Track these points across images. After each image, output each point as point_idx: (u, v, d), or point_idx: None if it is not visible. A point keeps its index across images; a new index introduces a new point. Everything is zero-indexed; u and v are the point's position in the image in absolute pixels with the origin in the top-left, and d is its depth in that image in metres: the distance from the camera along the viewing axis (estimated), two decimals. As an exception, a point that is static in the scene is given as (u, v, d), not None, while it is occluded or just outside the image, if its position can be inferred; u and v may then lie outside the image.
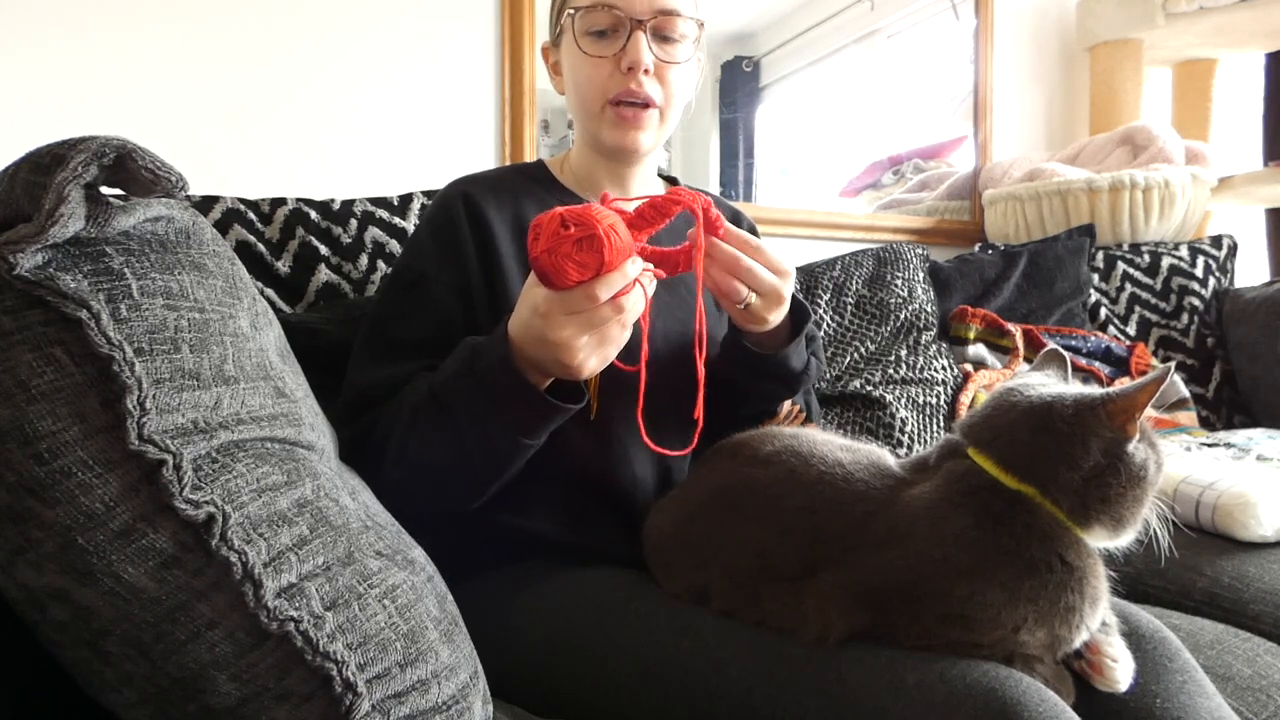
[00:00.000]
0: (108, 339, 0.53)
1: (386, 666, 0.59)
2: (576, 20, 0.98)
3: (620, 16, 0.96)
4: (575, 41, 0.98)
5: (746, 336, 0.96)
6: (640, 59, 0.96)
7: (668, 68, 0.99)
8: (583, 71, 0.99)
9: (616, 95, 0.98)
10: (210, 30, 1.48)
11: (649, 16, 0.96)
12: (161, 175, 0.59)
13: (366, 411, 0.92)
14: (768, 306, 0.88)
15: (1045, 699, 0.66)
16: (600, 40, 0.98)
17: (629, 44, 0.96)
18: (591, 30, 0.98)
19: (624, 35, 0.97)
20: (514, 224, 1.01)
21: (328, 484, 0.65)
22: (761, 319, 0.89)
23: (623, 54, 0.97)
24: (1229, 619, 1.09)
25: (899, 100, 2.38)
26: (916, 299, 1.80)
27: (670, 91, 1.01)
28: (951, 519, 0.71)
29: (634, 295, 0.77)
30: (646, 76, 0.98)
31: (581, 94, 1.01)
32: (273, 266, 1.23)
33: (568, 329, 0.76)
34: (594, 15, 0.97)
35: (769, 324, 0.91)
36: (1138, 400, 0.69)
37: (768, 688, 0.73)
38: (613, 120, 1.00)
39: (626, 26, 0.97)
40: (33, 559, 0.52)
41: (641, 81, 0.97)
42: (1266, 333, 1.90)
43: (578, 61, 0.99)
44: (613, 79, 0.98)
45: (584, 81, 1.00)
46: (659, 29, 0.98)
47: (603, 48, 0.98)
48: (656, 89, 0.99)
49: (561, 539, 0.95)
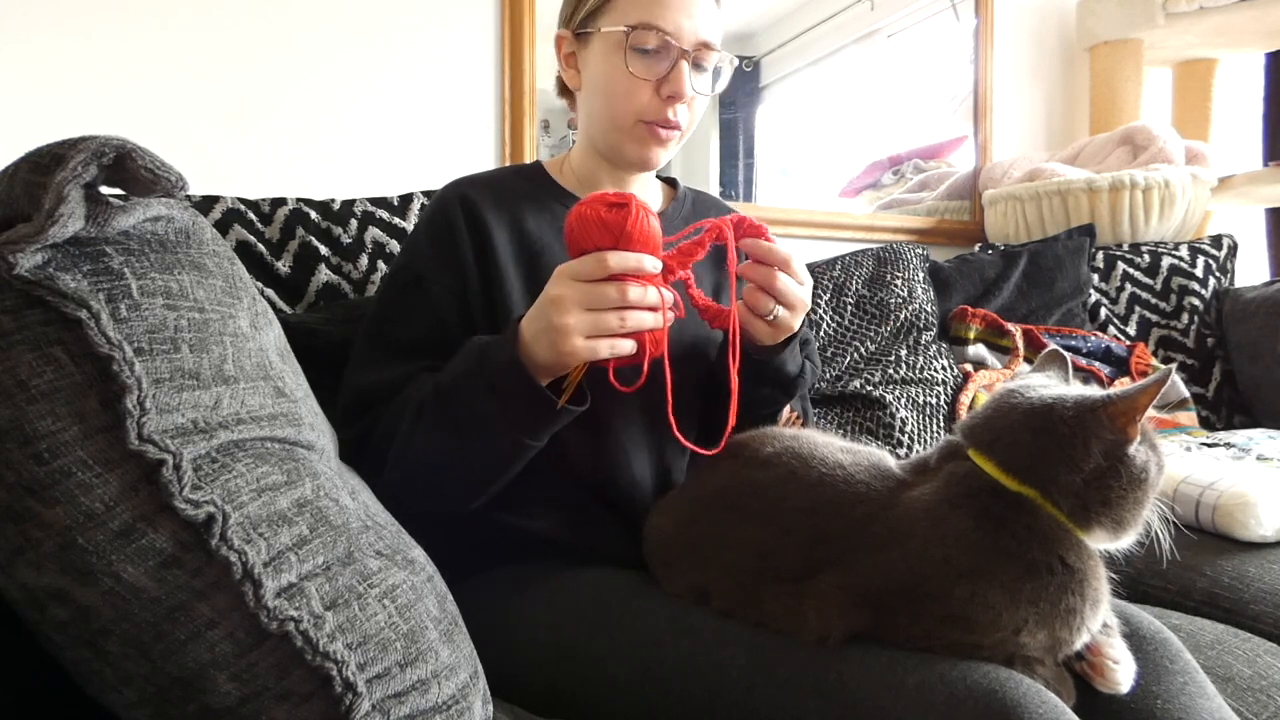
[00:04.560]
0: (107, 339, 0.53)
1: (386, 666, 0.59)
2: (630, 36, 0.97)
3: (669, 43, 0.97)
4: (622, 56, 0.98)
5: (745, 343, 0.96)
6: (683, 90, 0.98)
7: (697, 97, 1.01)
8: (620, 86, 0.99)
9: (652, 119, 0.99)
10: (210, 30, 1.48)
11: (693, 47, 0.98)
12: (161, 175, 0.59)
13: (366, 413, 0.92)
14: (794, 316, 0.91)
15: (1046, 701, 0.65)
16: (644, 59, 0.98)
17: (673, 73, 0.98)
18: (640, 48, 0.98)
19: (667, 60, 0.98)
20: (511, 226, 1.01)
21: (327, 484, 0.65)
22: (789, 328, 0.92)
23: (665, 81, 0.98)
24: (1229, 619, 1.09)
25: (899, 100, 2.38)
26: (916, 299, 1.80)
27: (694, 117, 1.04)
28: (952, 521, 0.71)
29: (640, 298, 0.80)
30: (680, 104, 1.00)
31: (613, 108, 1.01)
32: (273, 266, 1.23)
33: (571, 315, 0.79)
34: (644, 35, 0.97)
35: (792, 331, 0.93)
36: (1139, 402, 0.69)
37: (768, 688, 0.73)
38: (642, 137, 1.01)
39: (672, 53, 0.98)
40: (33, 559, 0.52)
41: (677, 110, 1.00)
42: (1266, 333, 1.90)
43: (616, 75, 0.99)
44: (651, 103, 0.99)
45: (620, 96, 0.99)
46: (697, 59, 1.00)
47: (646, 69, 0.98)
48: (685, 115, 1.01)
49: (561, 539, 0.95)
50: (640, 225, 0.80)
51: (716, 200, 1.24)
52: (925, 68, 2.40)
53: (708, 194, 1.24)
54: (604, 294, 0.79)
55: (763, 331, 0.91)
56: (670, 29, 0.97)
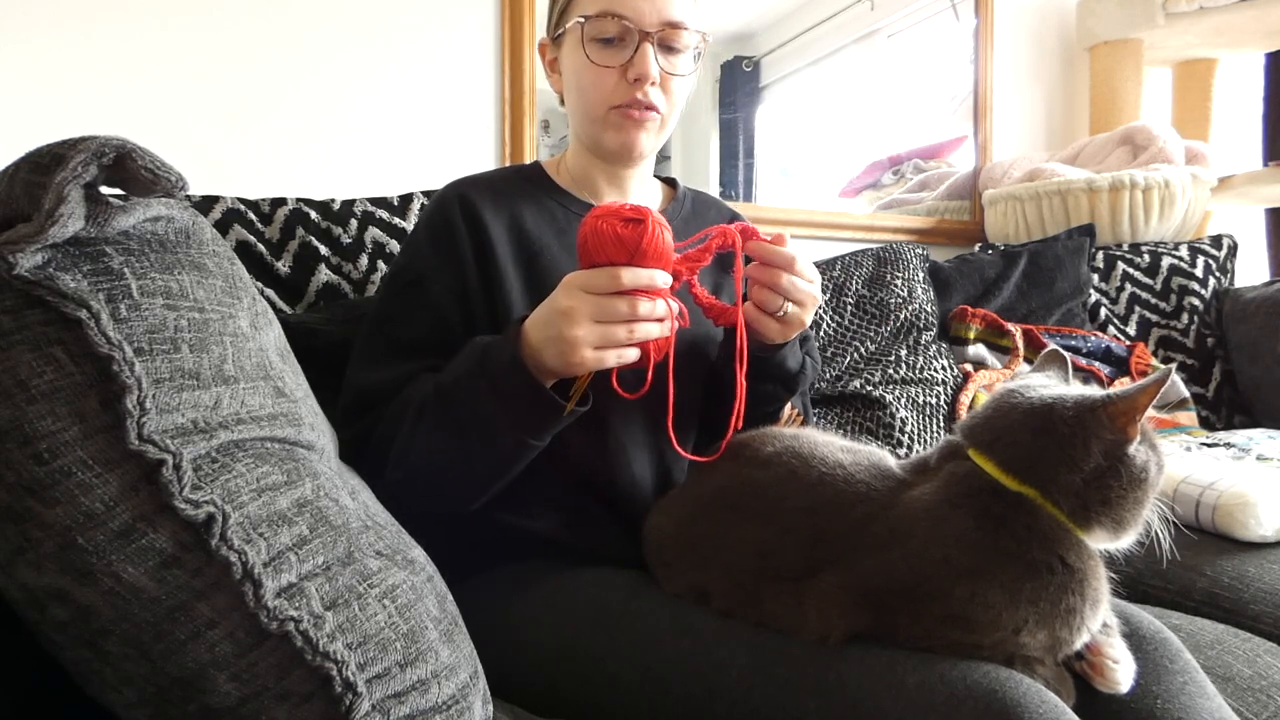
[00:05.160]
0: (107, 339, 0.53)
1: (386, 666, 0.59)
2: (585, 27, 0.97)
3: (629, 27, 0.97)
4: (582, 48, 0.98)
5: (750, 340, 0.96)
6: (648, 72, 0.97)
7: (671, 78, 1.00)
8: (587, 78, 0.99)
9: (622, 103, 0.99)
10: (210, 30, 1.48)
11: (656, 29, 0.97)
12: (161, 175, 0.59)
13: (366, 413, 0.92)
14: (804, 312, 0.91)
15: (1046, 700, 0.65)
16: (607, 48, 0.98)
17: (637, 56, 0.97)
18: (598, 38, 0.98)
19: (631, 45, 0.97)
20: (510, 226, 1.01)
21: (327, 484, 0.65)
22: (800, 323, 0.92)
23: (630, 65, 0.97)
24: (1229, 619, 1.09)
25: (899, 100, 2.38)
26: (916, 299, 1.80)
27: (673, 101, 1.02)
28: (952, 520, 0.71)
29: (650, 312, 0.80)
30: (651, 86, 0.99)
31: (585, 99, 1.01)
32: (273, 266, 1.23)
33: (581, 327, 0.79)
34: (602, 23, 0.97)
35: (804, 327, 0.94)
36: (1139, 402, 0.69)
37: (768, 688, 0.73)
38: (616, 122, 1.00)
39: (634, 37, 0.97)
40: (33, 559, 0.52)
41: (647, 91, 0.99)
42: (1266, 333, 1.90)
43: (582, 68, 0.99)
44: (618, 88, 0.99)
45: (588, 87, 1.00)
46: (664, 40, 0.99)
47: (609, 57, 0.98)
48: (660, 97, 1.00)
49: (561, 539, 0.95)
50: (655, 242, 0.80)
51: (716, 200, 1.24)
52: (925, 68, 2.40)
53: (707, 194, 1.24)
54: (615, 309, 0.79)
55: (773, 329, 0.91)
56: (628, 13, 0.96)
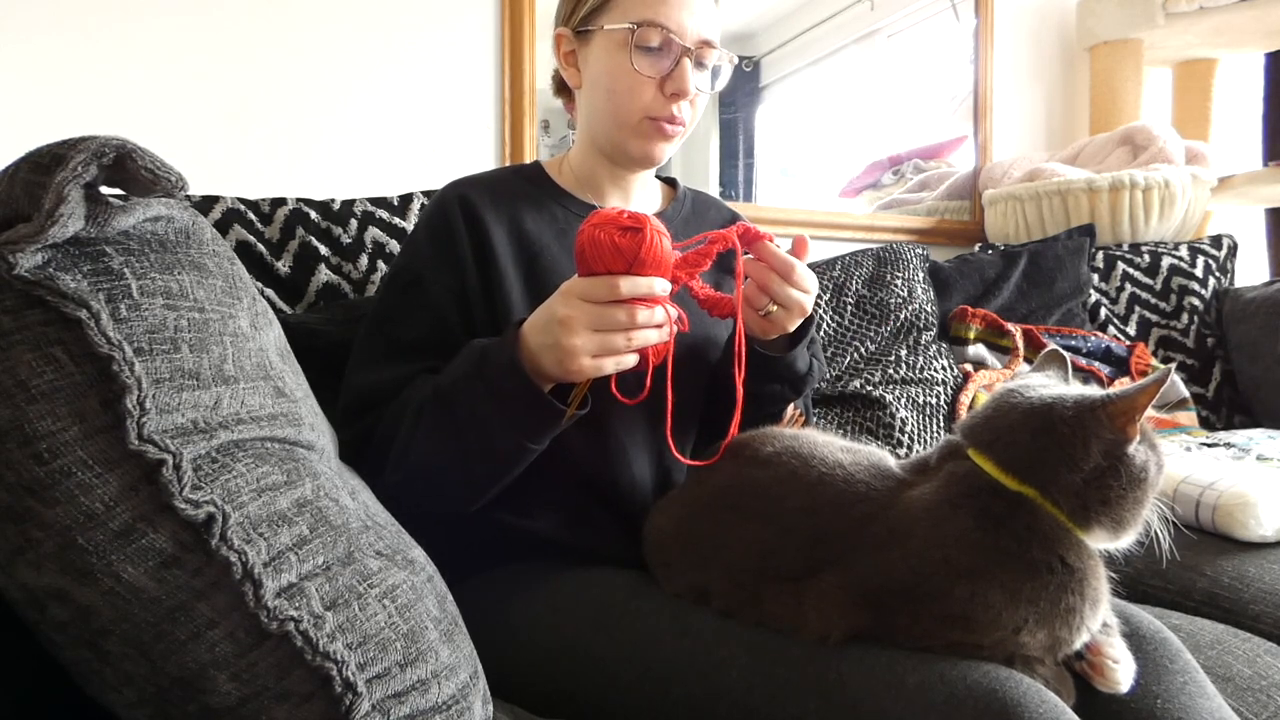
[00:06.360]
0: (107, 339, 0.53)
1: (386, 666, 0.59)
2: (634, 34, 0.97)
3: (674, 41, 0.98)
4: (627, 54, 0.98)
5: (755, 340, 0.96)
6: (687, 88, 0.99)
7: (699, 95, 1.02)
8: (625, 83, 0.99)
9: (658, 116, 1.00)
10: (210, 30, 1.48)
11: (695, 45, 0.99)
12: (161, 175, 0.59)
13: (366, 413, 0.92)
14: (789, 316, 0.91)
15: (1046, 700, 0.66)
16: (647, 56, 0.98)
17: (677, 70, 0.98)
18: (644, 45, 0.98)
19: (670, 58, 0.99)
20: (510, 226, 1.01)
21: (327, 484, 0.65)
22: (782, 327, 0.92)
23: (669, 79, 0.99)
24: (1229, 619, 1.09)
25: (899, 100, 2.38)
26: (916, 299, 1.80)
27: (696, 114, 1.04)
28: (952, 520, 0.71)
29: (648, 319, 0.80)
30: (684, 101, 1.00)
31: (617, 104, 1.01)
32: (273, 266, 1.23)
33: (579, 336, 0.78)
34: (649, 33, 0.97)
35: (786, 331, 0.93)
36: (1138, 402, 0.69)
37: (768, 688, 0.73)
38: (647, 132, 1.01)
39: (675, 51, 0.98)
40: (33, 559, 0.52)
41: (681, 106, 1.00)
42: (1266, 333, 1.90)
43: (620, 72, 0.99)
44: (655, 100, 0.99)
45: (625, 93, 1.00)
46: (699, 57, 1.00)
47: (651, 66, 0.98)
48: (688, 112, 1.02)
49: (561, 539, 0.95)
50: (654, 251, 0.79)
51: (716, 201, 1.24)
52: (925, 68, 2.40)
53: (707, 194, 1.24)
54: (614, 318, 0.79)
55: (754, 324, 0.92)
56: (673, 26, 0.97)
